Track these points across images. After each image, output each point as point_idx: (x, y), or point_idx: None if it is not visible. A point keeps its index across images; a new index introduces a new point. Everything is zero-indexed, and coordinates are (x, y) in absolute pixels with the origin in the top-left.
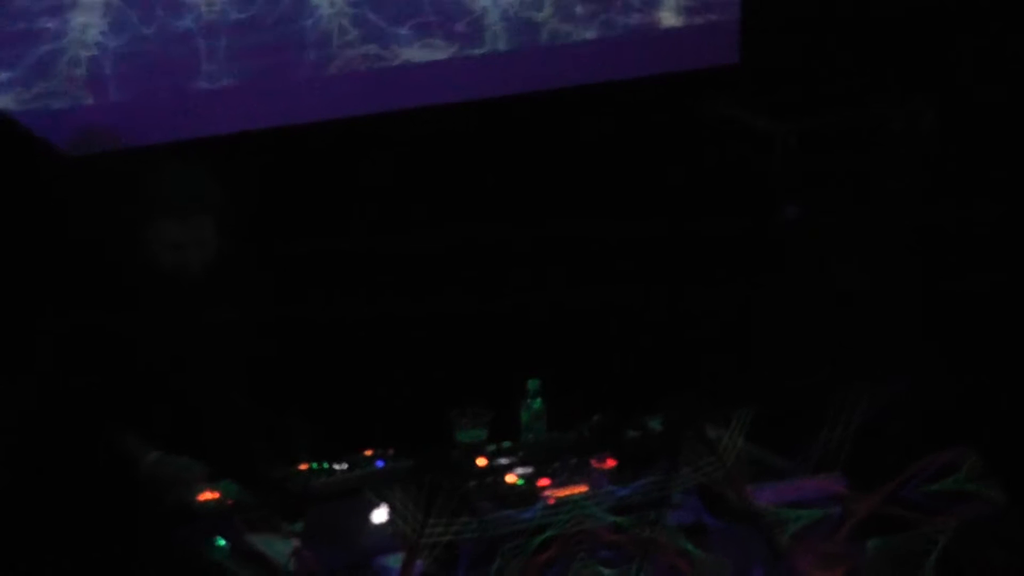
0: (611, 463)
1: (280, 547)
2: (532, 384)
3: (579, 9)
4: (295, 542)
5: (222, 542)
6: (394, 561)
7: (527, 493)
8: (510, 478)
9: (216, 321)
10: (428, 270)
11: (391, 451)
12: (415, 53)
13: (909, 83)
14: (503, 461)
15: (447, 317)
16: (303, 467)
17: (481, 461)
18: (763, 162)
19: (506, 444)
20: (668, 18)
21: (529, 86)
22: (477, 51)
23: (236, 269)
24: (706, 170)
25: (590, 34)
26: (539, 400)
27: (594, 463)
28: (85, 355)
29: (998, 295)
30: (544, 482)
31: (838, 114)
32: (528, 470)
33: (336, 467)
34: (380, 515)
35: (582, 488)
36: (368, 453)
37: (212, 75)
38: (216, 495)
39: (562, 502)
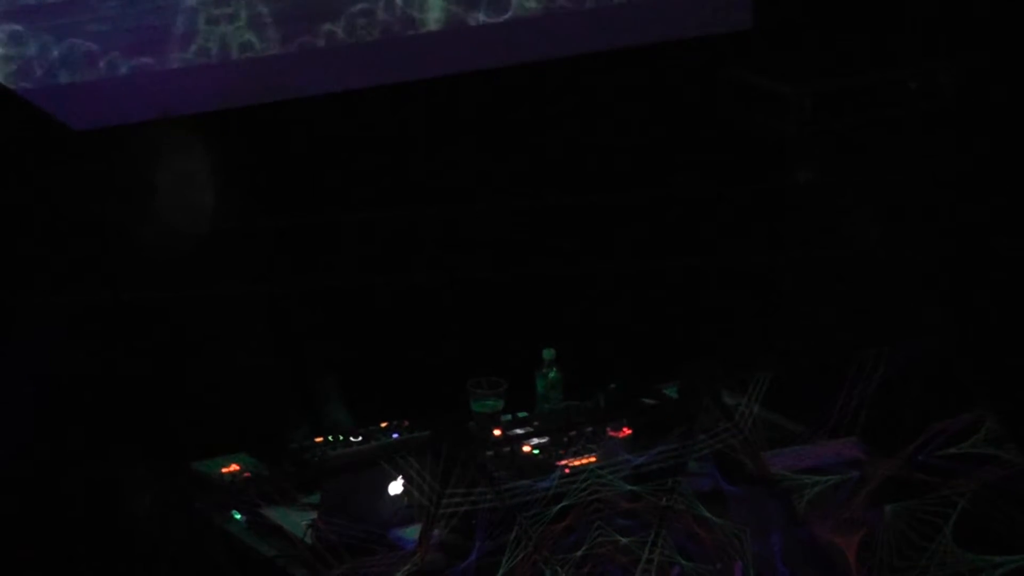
0: (627, 431)
1: (296, 519)
2: (547, 353)
3: None
4: (312, 514)
5: (238, 515)
6: (411, 532)
7: (543, 462)
8: (526, 448)
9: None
10: (440, 239)
11: (406, 423)
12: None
13: (925, 43)
14: (519, 431)
15: (462, 287)
16: (319, 439)
17: (497, 431)
18: (777, 127)
19: (522, 414)
20: None
21: (543, 53)
22: (496, 18)
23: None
24: (720, 135)
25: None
26: (555, 369)
27: (610, 432)
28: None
29: (1016, 258)
30: (560, 451)
31: (853, 76)
32: (544, 440)
33: (352, 439)
34: (396, 487)
35: (598, 457)
36: (383, 425)
37: None
38: (235, 468)
39: (578, 471)
